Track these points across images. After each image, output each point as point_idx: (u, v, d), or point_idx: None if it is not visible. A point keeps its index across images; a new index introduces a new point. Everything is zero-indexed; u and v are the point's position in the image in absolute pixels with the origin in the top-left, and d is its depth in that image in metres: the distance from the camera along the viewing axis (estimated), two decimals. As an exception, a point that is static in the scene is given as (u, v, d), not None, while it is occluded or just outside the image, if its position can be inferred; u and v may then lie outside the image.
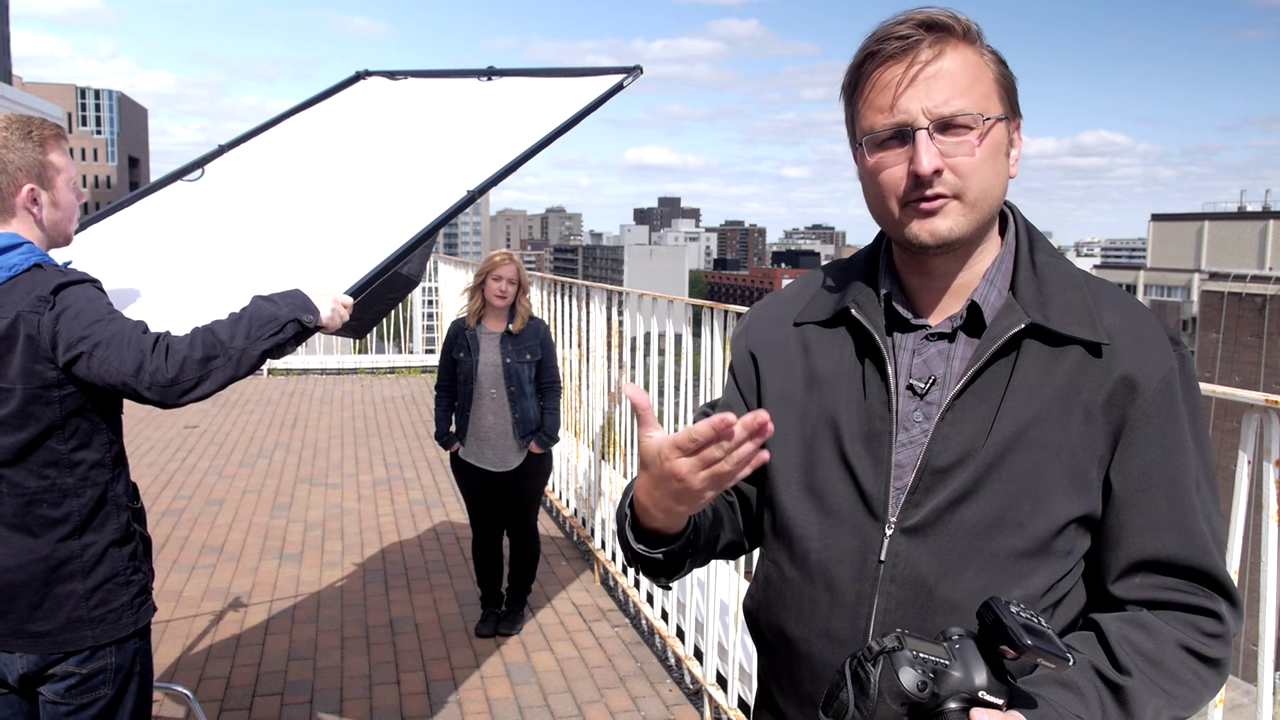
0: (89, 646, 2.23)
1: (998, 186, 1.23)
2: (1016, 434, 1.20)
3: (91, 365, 2.10)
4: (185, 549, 6.09)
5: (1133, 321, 1.23)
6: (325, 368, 13.13)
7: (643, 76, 3.26)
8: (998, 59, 1.24)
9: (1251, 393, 2.18)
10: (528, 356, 4.83)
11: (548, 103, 3.22)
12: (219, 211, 3.10)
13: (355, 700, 4.21)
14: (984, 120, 1.19)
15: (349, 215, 2.92)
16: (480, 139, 3.15)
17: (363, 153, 3.34)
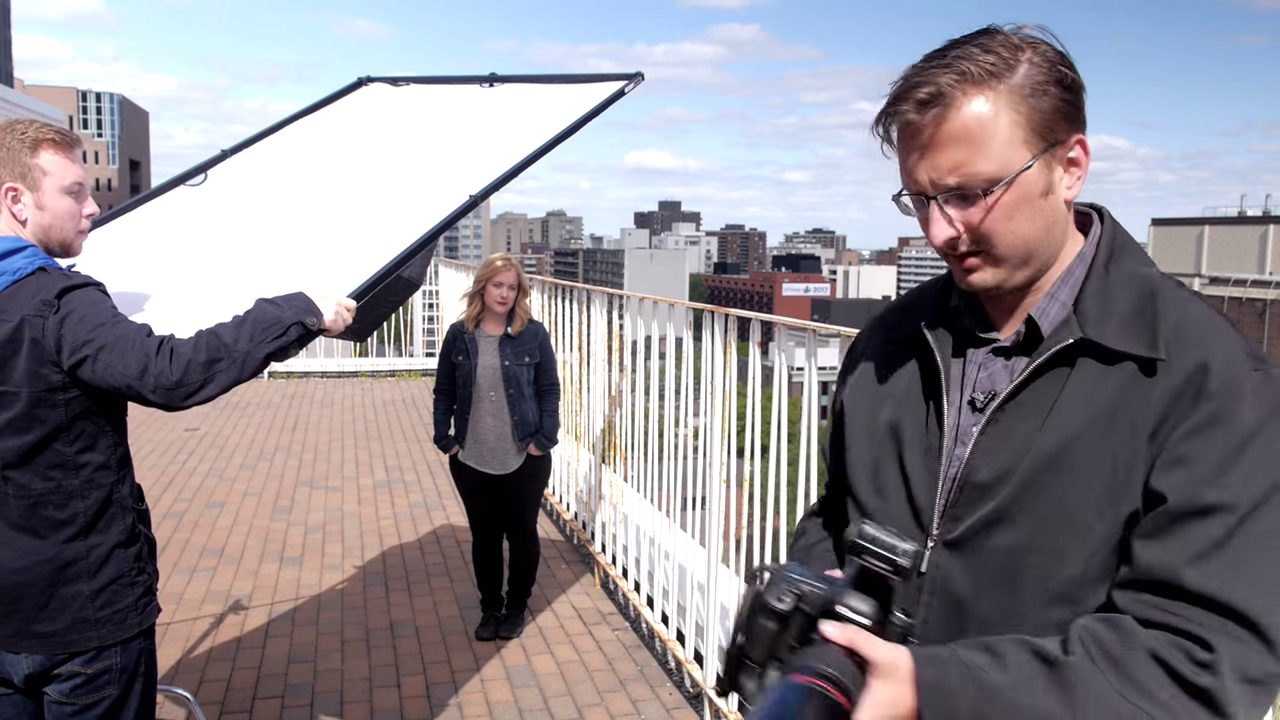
0: (94, 647, 2.24)
1: (1033, 233, 1.18)
2: (1056, 454, 1.15)
3: (96, 368, 2.10)
4: (186, 551, 6.09)
5: (1203, 337, 1.14)
6: (326, 371, 13.14)
7: (644, 80, 3.27)
8: (1032, 85, 1.14)
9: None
10: (526, 359, 4.84)
11: (549, 109, 3.23)
12: (222, 216, 3.11)
13: (355, 703, 4.22)
14: (995, 184, 1.14)
15: (351, 220, 2.93)
16: (482, 145, 3.17)
17: (365, 158, 3.35)
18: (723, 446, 4.14)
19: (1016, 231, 1.17)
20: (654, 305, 5.28)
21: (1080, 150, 1.18)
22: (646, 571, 5.05)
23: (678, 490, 4.89)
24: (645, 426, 5.43)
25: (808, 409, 3.51)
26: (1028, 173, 1.15)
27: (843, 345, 3.31)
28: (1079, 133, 1.18)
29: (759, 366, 3.92)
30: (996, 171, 1.14)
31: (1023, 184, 1.15)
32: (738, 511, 4.20)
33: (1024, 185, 1.15)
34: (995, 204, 1.15)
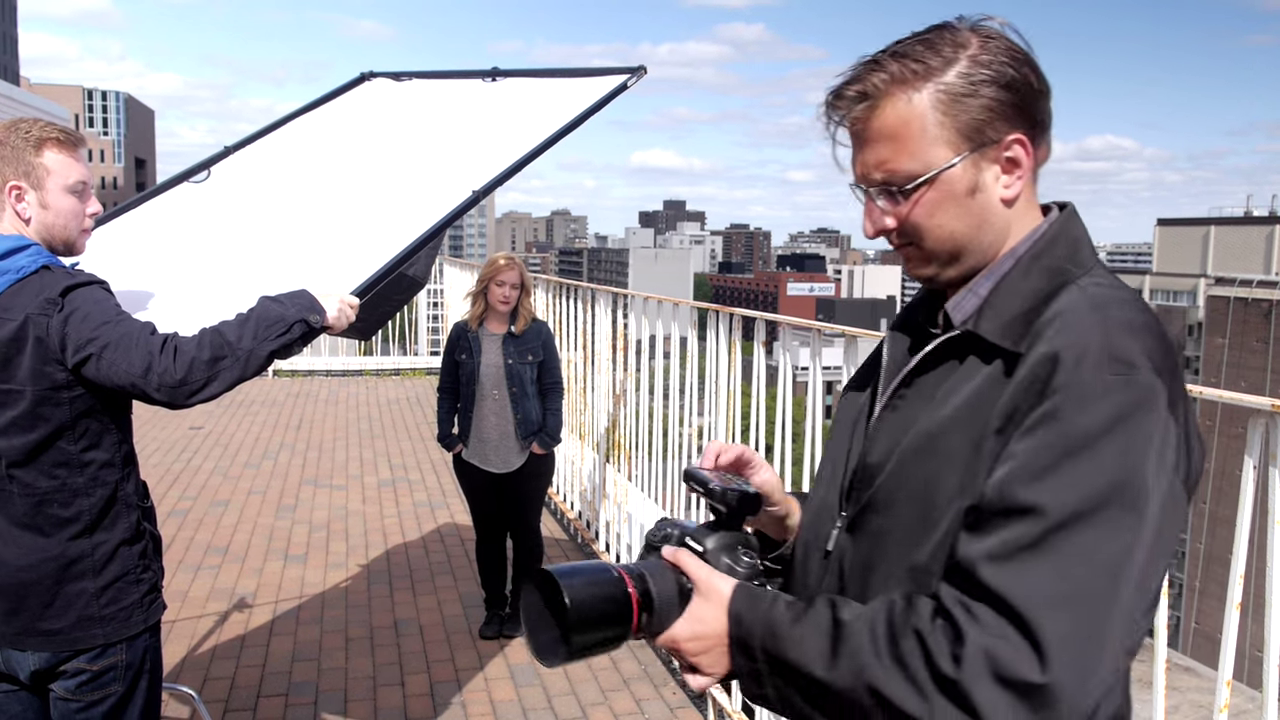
0: (100, 644, 2.25)
1: (961, 230, 1.19)
2: (924, 443, 1.17)
3: (100, 366, 2.11)
4: (190, 549, 6.11)
5: (1069, 330, 1.08)
6: (330, 369, 13.15)
7: (648, 79, 3.27)
8: (965, 85, 1.14)
9: (1258, 398, 2.18)
10: (530, 357, 4.84)
11: (552, 103, 3.22)
12: (225, 213, 3.11)
13: (359, 701, 4.22)
14: (917, 182, 1.16)
15: (354, 216, 2.93)
16: (485, 140, 3.16)
17: (368, 154, 3.35)
18: (727, 446, 4.14)
19: (942, 228, 1.19)
20: (659, 304, 5.27)
21: (1020, 150, 1.17)
22: (650, 571, 5.03)
23: (681, 489, 4.88)
24: (649, 425, 5.43)
25: (812, 409, 3.51)
26: (951, 171, 1.16)
27: (847, 345, 3.31)
28: (1018, 132, 1.17)
29: (763, 366, 3.91)
30: (919, 169, 1.16)
31: (945, 182, 1.17)
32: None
33: (947, 184, 1.17)
34: (918, 201, 1.18)
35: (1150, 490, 1.02)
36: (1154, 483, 1.03)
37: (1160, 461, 1.03)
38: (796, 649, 1.12)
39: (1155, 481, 1.03)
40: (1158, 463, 1.03)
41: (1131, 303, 1.12)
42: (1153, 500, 1.02)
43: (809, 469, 3.45)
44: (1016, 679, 0.98)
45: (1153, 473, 1.03)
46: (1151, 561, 1.03)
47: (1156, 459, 1.03)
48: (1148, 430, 1.03)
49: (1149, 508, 1.02)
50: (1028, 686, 0.98)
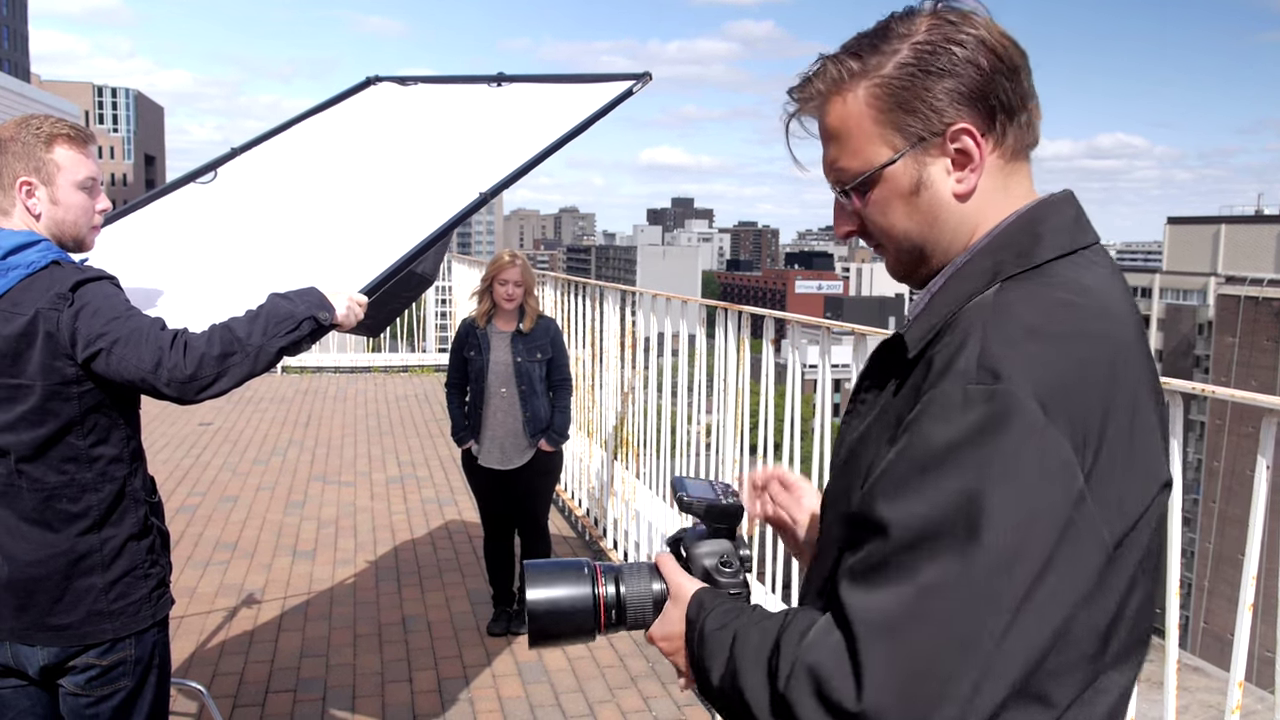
0: (109, 639, 2.25)
1: (913, 229, 1.13)
2: (847, 455, 1.16)
3: (110, 361, 2.11)
4: (199, 545, 6.12)
5: (959, 334, 1.02)
6: (339, 365, 13.18)
7: (657, 77, 3.27)
8: (903, 78, 1.08)
9: (1269, 397, 2.17)
10: (538, 355, 4.84)
11: (558, 108, 3.23)
12: (232, 213, 3.12)
13: (367, 698, 4.23)
14: (856, 180, 1.13)
15: (362, 217, 2.94)
16: (491, 143, 3.17)
17: (375, 156, 3.36)
18: (735, 443, 4.13)
19: (895, 227, 1.14)
20: (667, 302, 5.27)
21: (969, 140, 1.08)
22: (658, 568, 5.04)
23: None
24: (658, 423, 5.43)
25: (820, 406, 3.50)
26: (892, 169, 1.10)
27: (856, 343, 3.30)
28: (964, 121, 1.07)
29: (772, 364, 3.91)
30: (861, 168, 1.12)
31: (889, 180, 1.11)
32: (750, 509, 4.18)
33: (891, 181, 1.11)
34: (870, 200, 1.14)
35: (995, 516, 0.91)
36: (1007, 508, 0.91)
37: (1023, 485, 0.91)
38: (708, 653, 1.13)
39: (1011, 506, 0.91)
40: (1019, 487, 0.91)
41: (1051, 309, 1.00)
42: (998, 528, 0.91)
43: (818, 467, 3.45)
44: (833, 702, 0.93)
45: (1008, 497, 0.91)
46: (1021, 594, 0.91)
47: (1016, 482, 0.91)
48: (1006, 449, 0.92)
49: (992, 536, 0.91)
50: (842, 712, 0.93)
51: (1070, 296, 1.02)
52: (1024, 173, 1.14)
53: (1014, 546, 0.91)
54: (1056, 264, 1.06)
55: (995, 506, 0.92)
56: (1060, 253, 1.07)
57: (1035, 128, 1.13)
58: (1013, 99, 1.09)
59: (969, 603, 0.91)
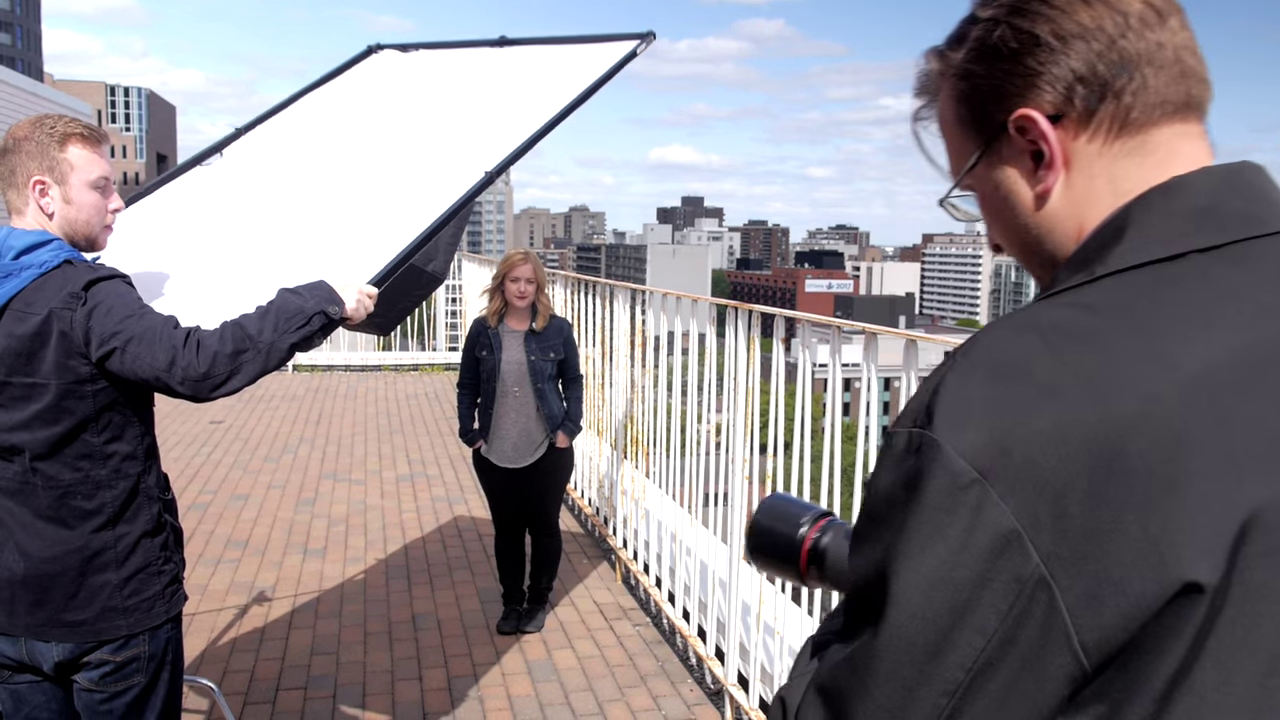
0: (123, 635, 2.27)
1: (1013, 239, 0.96)
2: None
3: (125, 360, 2.12)
4: (211, 543, 6.15)
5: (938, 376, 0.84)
6: (349, 364, 13.21)
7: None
8: (963, 70, 0.92)
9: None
10: (551, 354, 4.85)
11: (562, 73, 3.17)
12: (239, 198, 3.08)
13: (378, 695, 4.24)
14: (950, 191, 0.98)
15: (368, 200, 2.89)
16: (495, 115, 3.11)
17: (380, 133, 3.28)
18: (745, 443, 4.13)
19: (1002, 238, 0.98)
20: (677, 301, 5.27)
21: (1034, 129, 0.87)
22: (668, 567, 5.05)
23: (699, 486, 4.88)
24: (667, 422, 5.43)
25: (831, 405, 3.50)
26: (973, 173, 0.94)
27: (867, 342, 3.30)
28: (1026, 107, 0.87)
29: (782, 363, 3.90)
30: (955, 175, 0.97)
31: (976, 189, 0.96)
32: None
33: (980, 189, 0.95)
34: (982, 209, 0.97)
35: (901, 593, 0.76)
36: (913, 584, 0.75)
37: (936, 559, 0.74)
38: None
39: (918, 583, 0.75)
40: (931, 560, 0.74)
41: (1040, 343, 0.78)
42: (904, 607, 0.76)
43: (828, 466, 3.44)
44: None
45: (916, 571, 0.75)
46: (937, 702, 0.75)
47: (927, 554, 0.75)
48: (921, 512, 0.76)
49: (896, 615, 0.76)
50: None
51: (1088, 325, 0.79)
52: (1149, 151, 0.87)
53: (921, 635, 0.75)
54: (1122, 277, 0.82)
55: (902, 580, 0.76)
56: (1140, 260, 0.81)
57: (1158, 90, 0.86)
58: (1099, 66, 0.85)
59: (871, 691, 0.78)
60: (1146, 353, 0.76)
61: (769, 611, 3.89)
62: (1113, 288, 0.81)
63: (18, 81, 16.96)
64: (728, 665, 4.17)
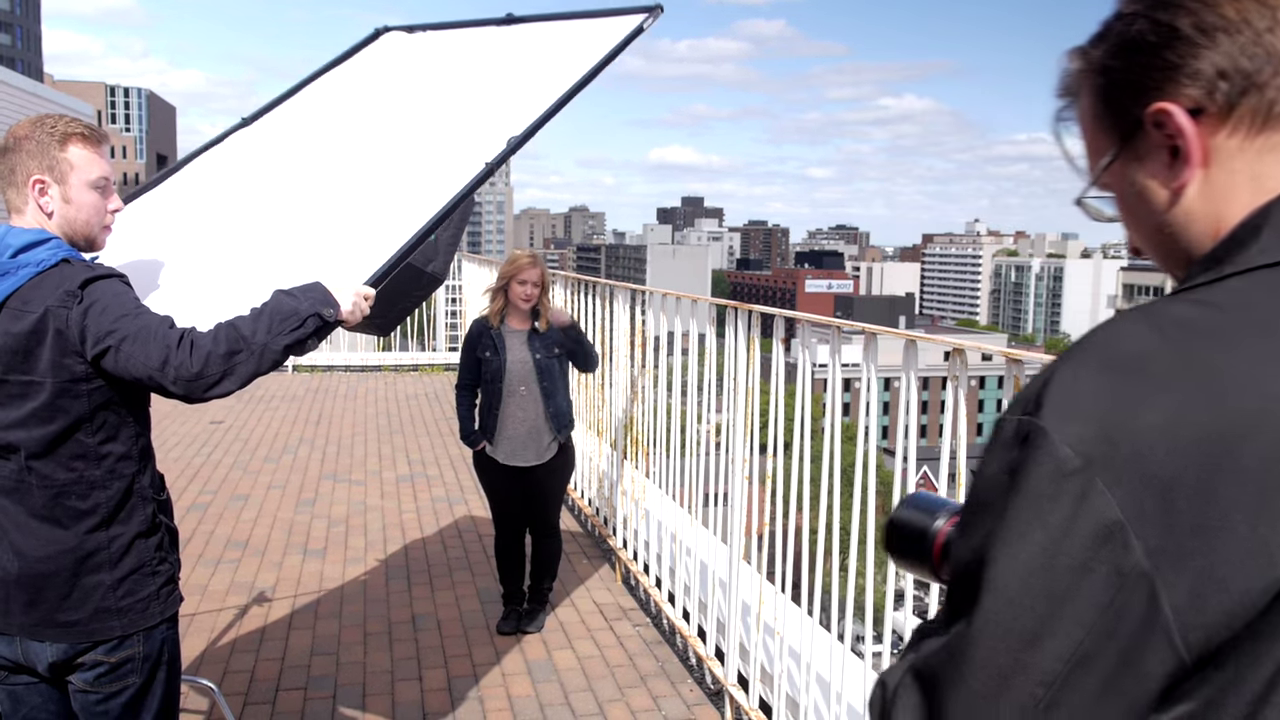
0: (117, 635, 2.26)
1: (1147, 241, 0.93)
2: None
3: (119, 359, 2.12)
4: (210, 543, 6.14)
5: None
6: (349, 364, 13.21)
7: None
8: (1103, 64, 0.91)
9: None
10: (556, 350, 4.85)
11: (568, 50, 3.15)
12: (239, 193, 3.06)
13: (377, 696, 4.24)
14: (1088, 190, 0.96)
15: (370, 196, 2.87)
16: (501, 97, 3.09)
17: (384, 122, 3.27)
18: (745, 443, 4.13)
19: (1139, 237, 0.95)
20: (677, 301, 5.26)
21: (1170, 124, 0.85)
22: (668, 567, 5.04)
23: (699, 486, 4.88)
24: (667, 422, 5.42)
25: (830, 406, 3.49)
26: (1110, 169, 0.92)
27: (867, 342, 3.29)
28: (1162, 100, 0.86)
29: (782, 363, 3.90)
30: (1092, 174, 0.96)
31: (1114, 186, 0.93)
32: (759, 508, 4.18)
33: (1115, 187, 0.93)
34: (1120, 209, 0.95)
35: (998, 581, 0.76)
36: (1011, 572, 0.75)
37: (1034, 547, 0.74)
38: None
39: (1016, 571, 0.75)
40: (1030, 549, 0.74)
41: (1160, 336, 0.77)
42: (997, 588, 0.76)
43: (827, 466, 3.44)
44: None
45: (1014, 559, 0.75)
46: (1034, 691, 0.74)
47: (1025, 542, 0.75)
48: (1022, 500, 0.76)
49: (989, 598, 0.76)
50: None
51: (1211, 321, 0.78)
52: None
53: (1018, 622, 0.74)
54: (1251, 276, 0.80)
55: (1001, 566, 0.76)
56: (1272, 260, 0.80)
57: None
58: (1242, 60, 0.83)
59: (966, 678, 0.77)
60: (1270, 352, 0.75)
61: (769, 612, 3.88)
62: (1241, 286, 0.80)
63: (18, 82, 16.96)
64: (728, 665, 4.16)
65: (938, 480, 2.95)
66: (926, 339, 3.22)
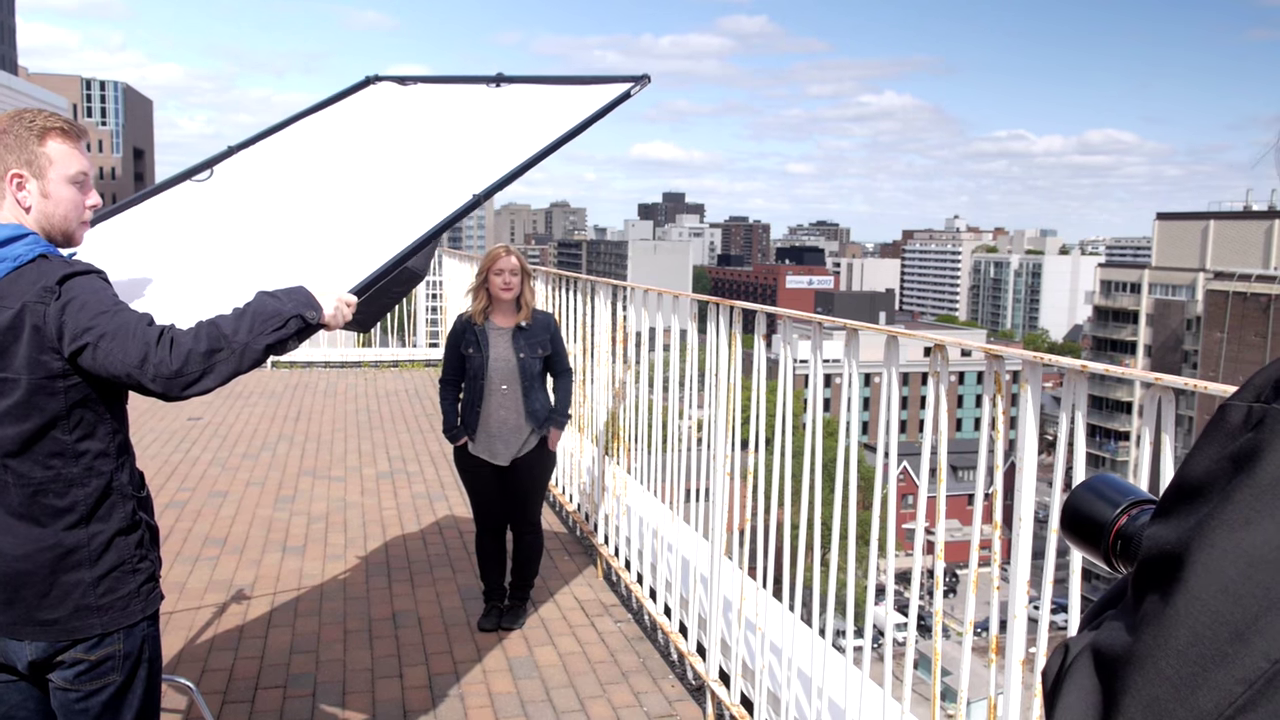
0: (97, 633, 2.25)
1: None
2: None
3: (97, 356, 2.10)
4: (189, 541, 6.10)
5: None
6: (329, 360, 13.14)
7: (651, 70, 3.29)
8: None
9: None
10: (539, 351, 4.84)
11: (555, 110, 3.26)
12: (226, 211, 3.12)
13: (358, 693, 4.22)
14: None
15: (355, 216, 2.95)
16: (487, 144, 3.19)
17: (371, 156, 3.38)
18: (726, 439, 4.13)
19: None
20: (658, 297, 5.26)
21: None
22: (649, 564, 5.04)
23: (681, 482, 4.88)
24: (649, 418, 5.42)
25: (812, 401, 3.50)
26: None
27: (848, 337, 3.30)
28: None
29: (764, 359, 3.90)
30: None
31: None
32: (741, 504, 4.19)
33: None
34: None
35: (1197, 581, 0.72)
36: (1215, 573, 0.71)
37: (1253, 550, 0.70)
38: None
39: (1221, 573, 0.71)
40: (1245, 551, 0.70)
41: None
42: (1213, 574, 0.71)
43: (808, 462, 3.45)
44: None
45: (1242, 546, 0.71)
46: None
47: (1241, 543, 0.70)
48: (1245, 496, 0.71)
49: (1201, 584, 0.72)
50: None
51: None
52: None
53: (1231, 613, 0.69)
54: None
55: (1219, 552, 0.70)
56: None
57: None
58: None
59: (1159, 662, 0.72)
60: None
61: (750, 607, 3.89)
62: None
63: (-9, 75, 16.78)
64: (709, 661, 4.17)
65: (919, 476, 2.97)
66: (907, 335, 3.24)
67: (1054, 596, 6.56)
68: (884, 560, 3.31)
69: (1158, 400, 2.30)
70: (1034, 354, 2.58)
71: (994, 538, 2.83)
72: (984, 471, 2.81)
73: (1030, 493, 2.60)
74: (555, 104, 3.32)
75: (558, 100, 3.36)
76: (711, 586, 4.16)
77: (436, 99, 3.73)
